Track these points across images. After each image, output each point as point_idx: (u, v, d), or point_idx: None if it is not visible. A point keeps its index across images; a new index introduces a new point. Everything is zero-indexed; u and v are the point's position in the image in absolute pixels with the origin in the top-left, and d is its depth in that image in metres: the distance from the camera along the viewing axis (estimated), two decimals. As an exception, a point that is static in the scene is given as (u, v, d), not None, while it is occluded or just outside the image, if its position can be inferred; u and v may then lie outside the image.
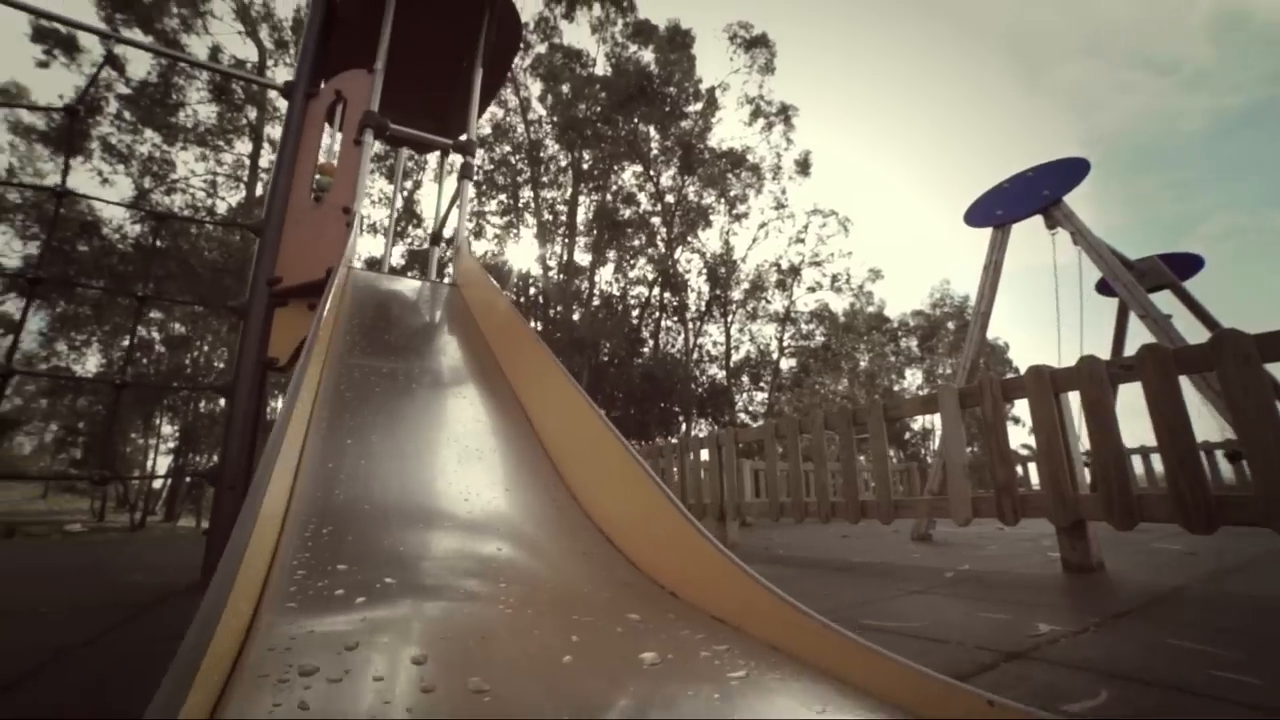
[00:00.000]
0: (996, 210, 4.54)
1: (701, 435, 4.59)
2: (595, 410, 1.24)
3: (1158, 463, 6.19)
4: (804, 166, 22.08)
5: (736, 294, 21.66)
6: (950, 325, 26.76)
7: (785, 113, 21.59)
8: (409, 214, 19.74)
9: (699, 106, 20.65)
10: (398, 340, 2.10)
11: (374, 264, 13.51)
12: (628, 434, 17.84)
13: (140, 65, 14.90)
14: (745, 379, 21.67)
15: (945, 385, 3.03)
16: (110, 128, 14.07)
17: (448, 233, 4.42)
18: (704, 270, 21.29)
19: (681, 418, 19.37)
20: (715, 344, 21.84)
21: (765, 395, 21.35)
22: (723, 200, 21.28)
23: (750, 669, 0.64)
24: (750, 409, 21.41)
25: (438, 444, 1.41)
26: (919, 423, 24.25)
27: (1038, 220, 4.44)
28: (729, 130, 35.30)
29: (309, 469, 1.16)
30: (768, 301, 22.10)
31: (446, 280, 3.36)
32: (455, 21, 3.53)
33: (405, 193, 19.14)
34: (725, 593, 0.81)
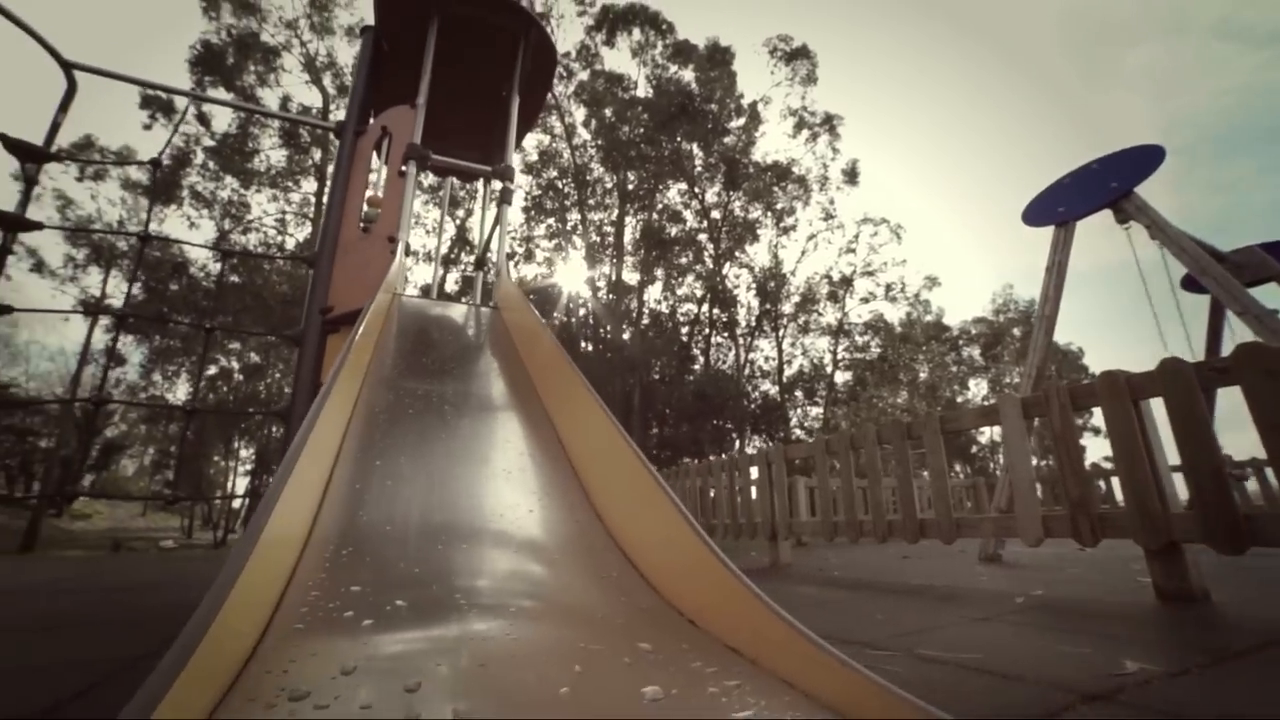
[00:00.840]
0: (1058, 207, 4.25)
1: (753, 452, 4.48)
2: (620, 431, 1.21)
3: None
4: (851, 176, 21.62)
5: (787, 308, 21.28)
6: (1016, 332, 25.30)
7: (830, 122, 21.28)
8: (462, 241, 20.49)
9: (741, 122, 20.64)
10: (435, 363, 2.13)
11: (426, 290, 14.08)
12: (680, 451, 17.72)
13: (223, 119, 16.30)
14: (799, 394, 21.15)
15: (1006, 394, 2.82)
16: (197, 176, 15.44)
17: (493, 257, 4.52)
18: (753, 285, 21.06)
19: (734, 434, 19.06)
20: (767, 359, 21.47)
21: (820, 410, 20.74)
22: (769, 214, 21.08)
23: (759, 708, 0.58)
24: (805, 424, 20.85)
25: (466, 466, 1.40)
26: (986, 435, 22.94)
27: (1106, 216, 4.13)
28: (773, 143, 35.12)
29: (336, 490, 1.17)
30: (819, 314, 21.61)
31: (491, 304, 3.42)
32: (492, 54, 3.65)
33: (457, 220, 19.88)
34: (742, 622, 0.75)
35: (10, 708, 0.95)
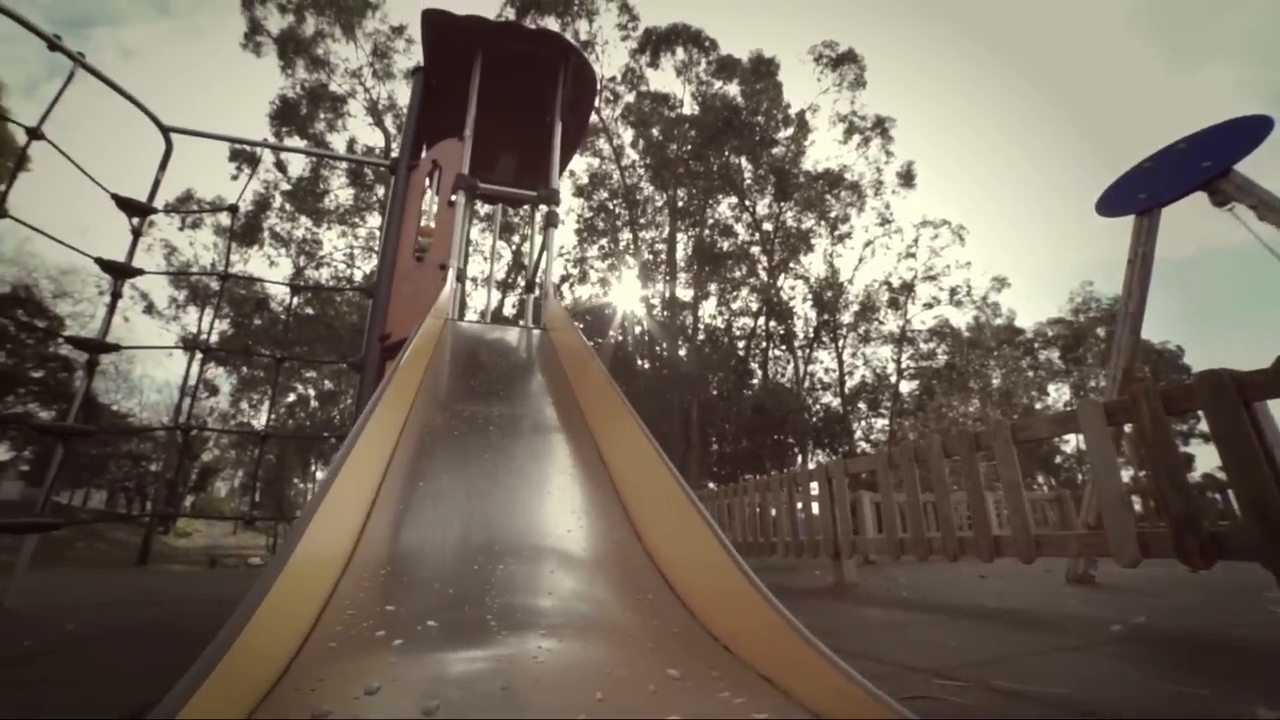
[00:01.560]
0: (1138, 194, 3.90)
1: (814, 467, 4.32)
2: (657, 450, 1.17)
3: None
4: (907, 178, 20.91)
5: (846, 317, 20.67)
6: (1100, 332, 23.42)
7: (881, 125, 20.71)
8: (518, 265, 21.10)
9: (789, 132, 20.41)
10: (483, 385, 2.16)
11: (483, 314, 14.53)
12: (741, 467, 17.39)
13: (297, 165, 17.65)
14: (862, 405, 20.39)
15: (1087, 399, 2.59)
16: (275, 219, 16.78)
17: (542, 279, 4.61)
18: (809, 295, 20.60)
19: (796, 449, 18.55)
20: (827, 370, 20.87)
21: (885, 421, 19.89)
22: (823, 223, 20.65)
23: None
24: (871, 437, 20.03)
25: (507, 486, 1.40)
26: (1070, 444, 21.29)
27: (1203, 200, 3.76)
28: (823, 151, 34.45)
29: (380, 510, 1.19)
30: (880, 322, 20.85)
31: (541, 326, 3.47)
32: (534, 82, 3.75)
33: (513, 246, 20.51)
34: (775, 649, 0.69)
35: (98, 709, 1.01)
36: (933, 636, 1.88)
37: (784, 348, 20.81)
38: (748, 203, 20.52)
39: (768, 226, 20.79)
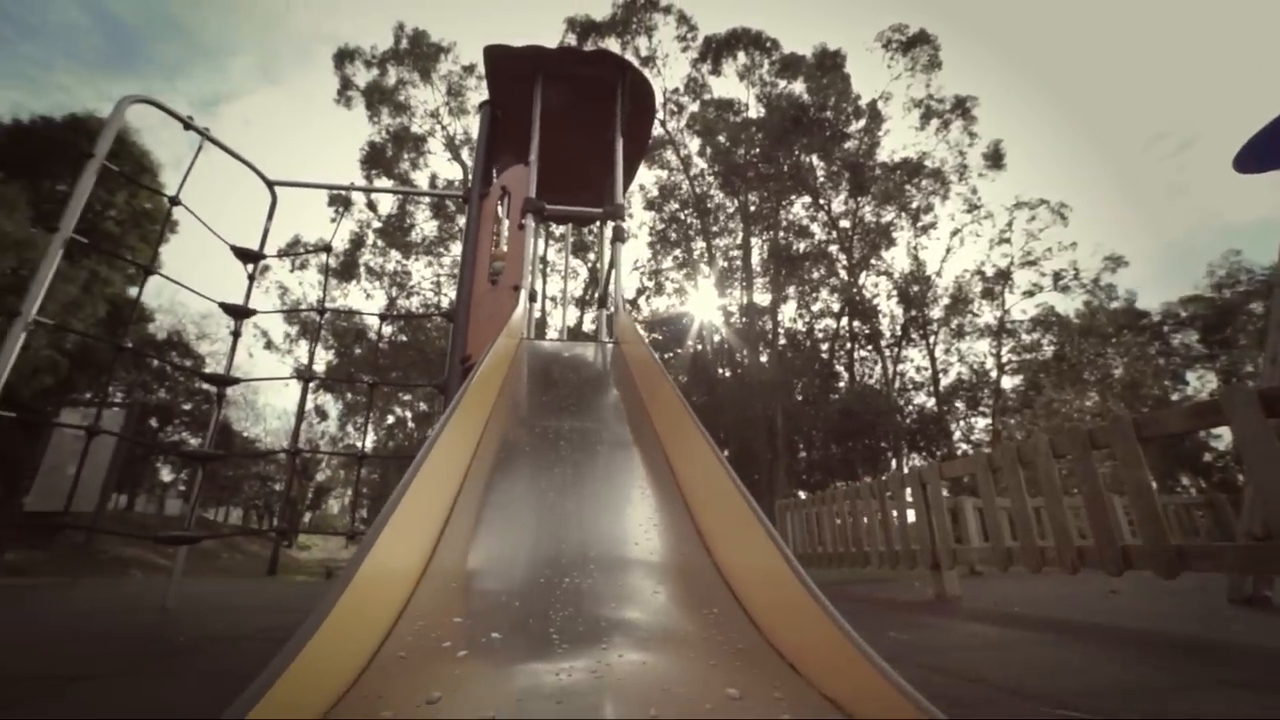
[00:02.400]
0: (1288, 146, 3.38)
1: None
2: (720, 458, 1.13)
3: None
4: (995, 159, 19.43)
5: (936, 312, 19.43)
6: (1256, 308, 20.20)
7: (962, 106, 19.43)
8: (595, 282, 21.55)
9: (861, 124, 19.62)
10: (555, 401, 2.20)
11: (566, 331, 14.91)
12: (831, 474, 16.72)
13: (386, 204, 19.15)
14: (960, 404, 19.02)
15: (1234, 386, 2.24)
16: (369, 255, 18.27)
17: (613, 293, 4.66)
18: (894, 292, 19.58)
19: (889, 453, 17.58)
20: (919, 369, 19.68)
21: (988, 420, 18.41)
22: (904, 215, 19.61)
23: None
24: (972, 438, 18.60)
25: (577, 499, 1.40)
26: (1224, 438, 18.68)
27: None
28: (899, 139, 32.73)
29: (454, 525, 1.23)
30: (974, 315, 19.40)
31: (613, 340, 3.50)
32: (594, 101, 3.82)
33: (589, 263, 20.98)
34: (842, 671, 0.64)
35: (205, 709, 1.10)
36: (1050, 658, 1.68)
37: (870, 348, 19.86)
38: (822, 201, 19.89)
39: (845, 224, 20.03)
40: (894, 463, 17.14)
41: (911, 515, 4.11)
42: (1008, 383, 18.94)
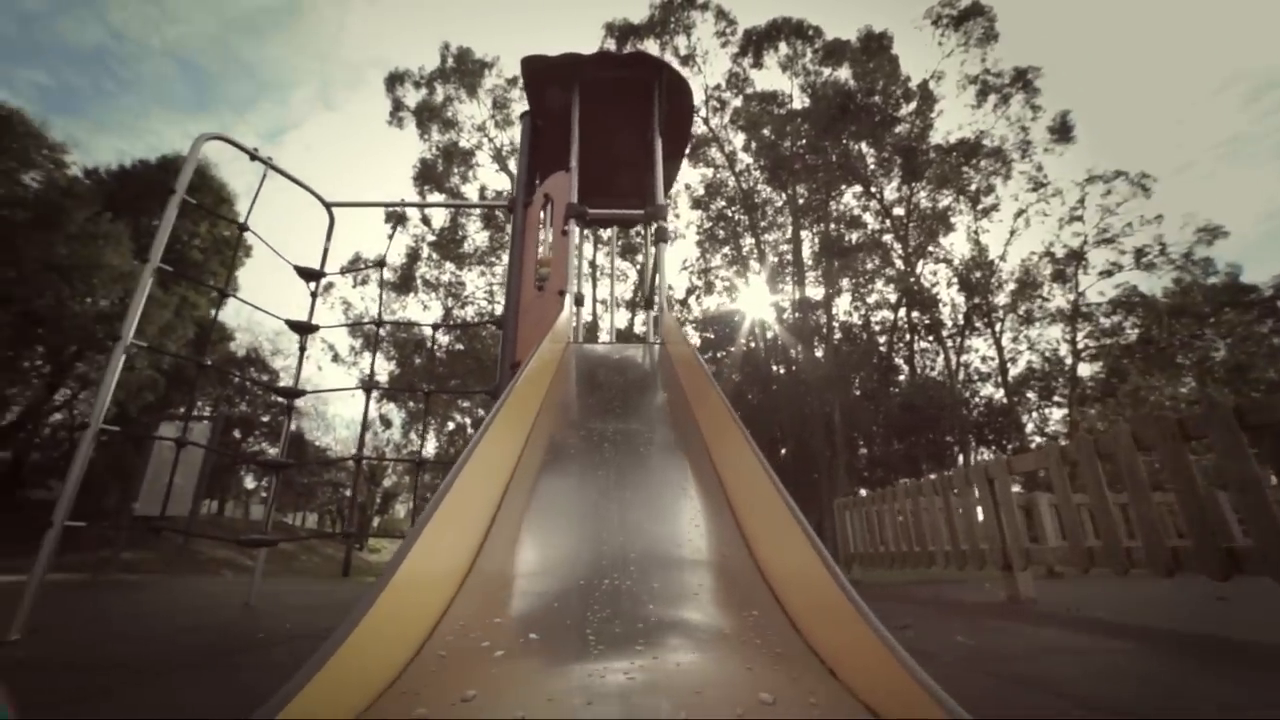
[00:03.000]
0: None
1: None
2: (759, 458, 1.11)
3: None
4: (1063, 132, 18.14)
5: (1001, 298, 18.38)
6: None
7: (1023, 78, 18.29)
8: (645, 283, 21.54)
9: (912, 106, 18.82)
10: (600, 403, 2.23)
11: (617, 334, 15.02)
12: (893, 471, 16.13)
13: (439, 218, 19.88)
14: (1031, 395, 17.92)
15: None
16: (425, 267, 19.03)
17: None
18: (954, 280, 18.68)
19: (956, 447, 16.78)
20: (984, 359, 18.68)
21: (1065, 411, 17.26)
22: (962, 198, 18.67)
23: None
24: (1047, 430, 17.48)
25: (619, 501, 1.42)
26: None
27: None
28: (954, 119, 31.13)
29: (499, 527, 1.26)
30: (1044, 300, 18.21)
31: (658, 340, 3.50)
32: (632, 103, 3.84)
33: (638, 265, 21.05)
34: (877, 675, 0.61)
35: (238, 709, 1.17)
36: (1134, 669, 1.56)
37: (931, 339, 19.03)
38: (873, 189, 19.23)
39: (899, 211, 19.29)
40: (960, 458, 16.35)
41: (981, 513, 3.91)
42: (1085, 370, 17.70)
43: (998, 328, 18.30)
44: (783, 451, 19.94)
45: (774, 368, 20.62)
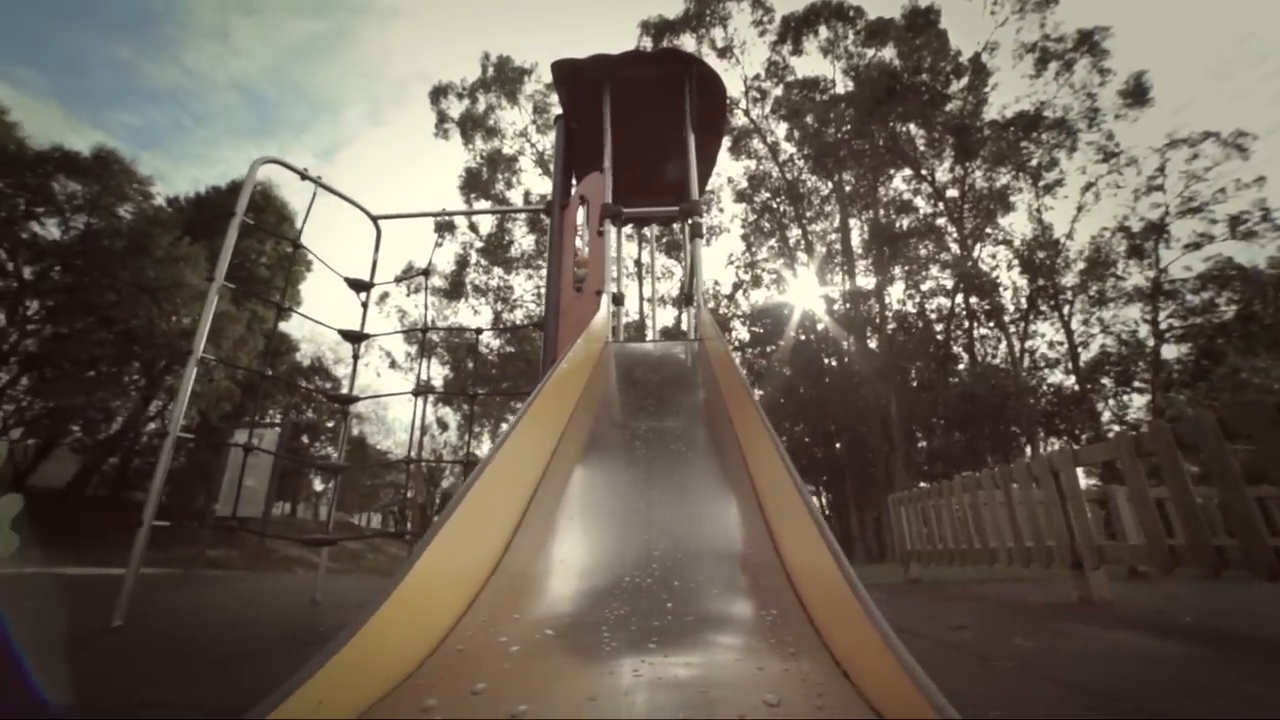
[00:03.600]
0: None
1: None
2: (780, 452, 1.09)
3: None
4: (1137, 95, 16.78)
5: (1069, 279, 17.24)
6: None
7: (1088, 40, 17.04)
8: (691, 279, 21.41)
9: (964, 82, 17.90)
10: (634, 401, 2.24)
11: (665, 333, 15.00)
12: (955, 464, 15.46)
13: (486, 224, 20.41)
14: (1107, 381, 16.75)
15: None
16: (474, 273, 19.62)
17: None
18: (1015, 262, 17.69)
19: (1023, 438, 15.90)
20: (1051, 344, 17.60)
21: (1148, 398, 16.04)
22: (1022, 175, 17.62)
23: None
24: (1127, 417, 16.28)
25: (647, 499, 1.42)
26: None
27: None
28: (1011, 92, 29.18)
29: (528, 524, 1.29)
30: (1119, 277, 16.92)
31: (697, 337, 3.48)
32: (664, 100, 3.83)
33: (683, 262, 20.94)
34: (884, 681, 0.59)
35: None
36: (1212, 680, 1.44)
37: (991, 325, 18.09)
38: (924, 172, 18.44)
39: (953, 193, 18.42)
40: (1028, 449, 15.49)
41: (1044, 508, 3.69)
42: (1170, 352, 16.35)
43: (1066, 311, 17.19)
44: (837, 445, 19.45)
45: (826, 360, 20.13)
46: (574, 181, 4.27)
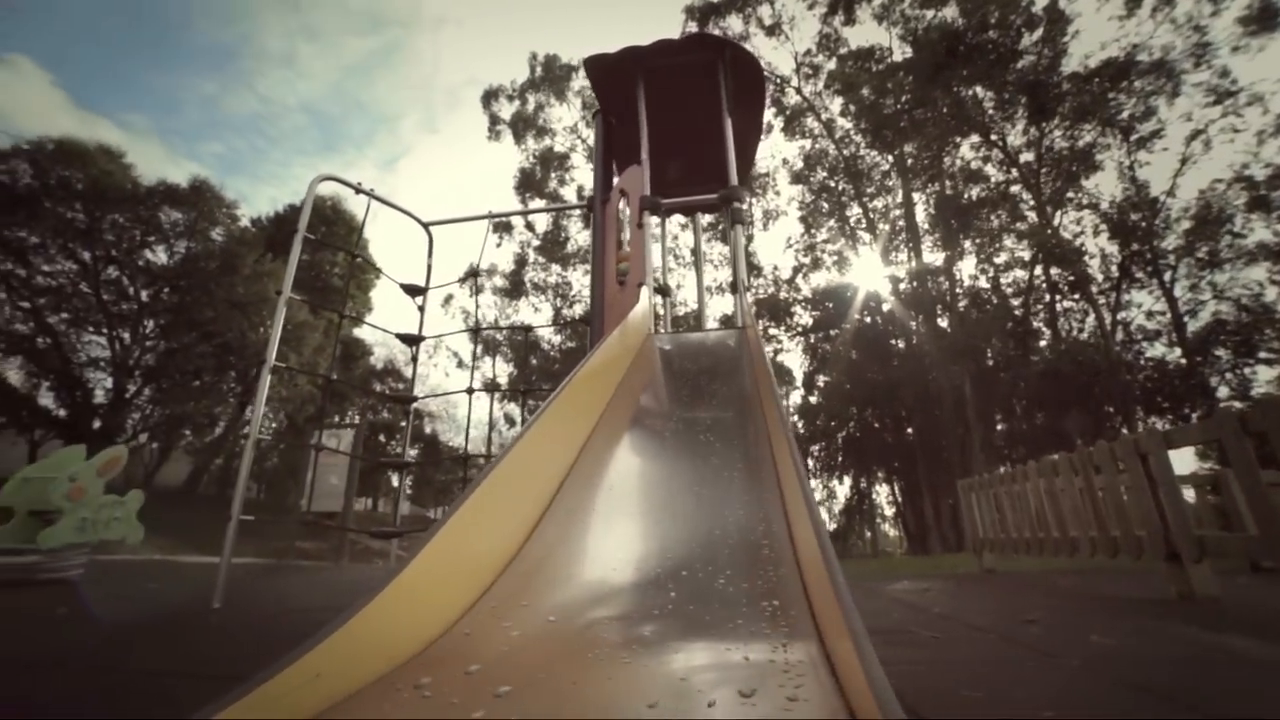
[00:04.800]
0: None
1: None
2: (790, 439, 1.06)
3: None
4: (1263, 19, 14.51)
5: (1170, 241, 15.58)
6: None
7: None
8: (751, 268, 21.10)
9: (1037, 34, 16.44)
10: (670, 392, 2.23)
11: (725, 321, 14.84)
12: (1038, 448, 14.45)
13: (541, 223, 20.84)
14: (1222, 352, 15.06)
15: None
16: (533, 271, 20.10)
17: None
18: (1102, 227, 16.20)
19: (1119, 418, 14.62)
20: (1150, 314, 16.00)
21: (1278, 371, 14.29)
22: (1111, 130, 16.05)
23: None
24: (1252, 393, 14.55)
25: (669, 489, 1.42)
26: None
27: None
28: (1096, 37, 26.44)
29: (552, 515, 1.32)
30: (1237, 235, 15.06)
31: (741, 324, 3.42)
32: (699, 86, 3.76)
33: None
34: (857, 681, 0.56)
35: None
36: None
37: (1076, 297, 16.70)
38: (994, 137, 17.20)
39: (1027, 157, 17.08)
40: (1124, 430, 14.24)
41: (1129, 494, 3.39)
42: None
43: (1170, 275, 15.56)
44: (908, 430, 18.61)
45: (893, 342, 19.26)
46: (616, 175, 4.28)
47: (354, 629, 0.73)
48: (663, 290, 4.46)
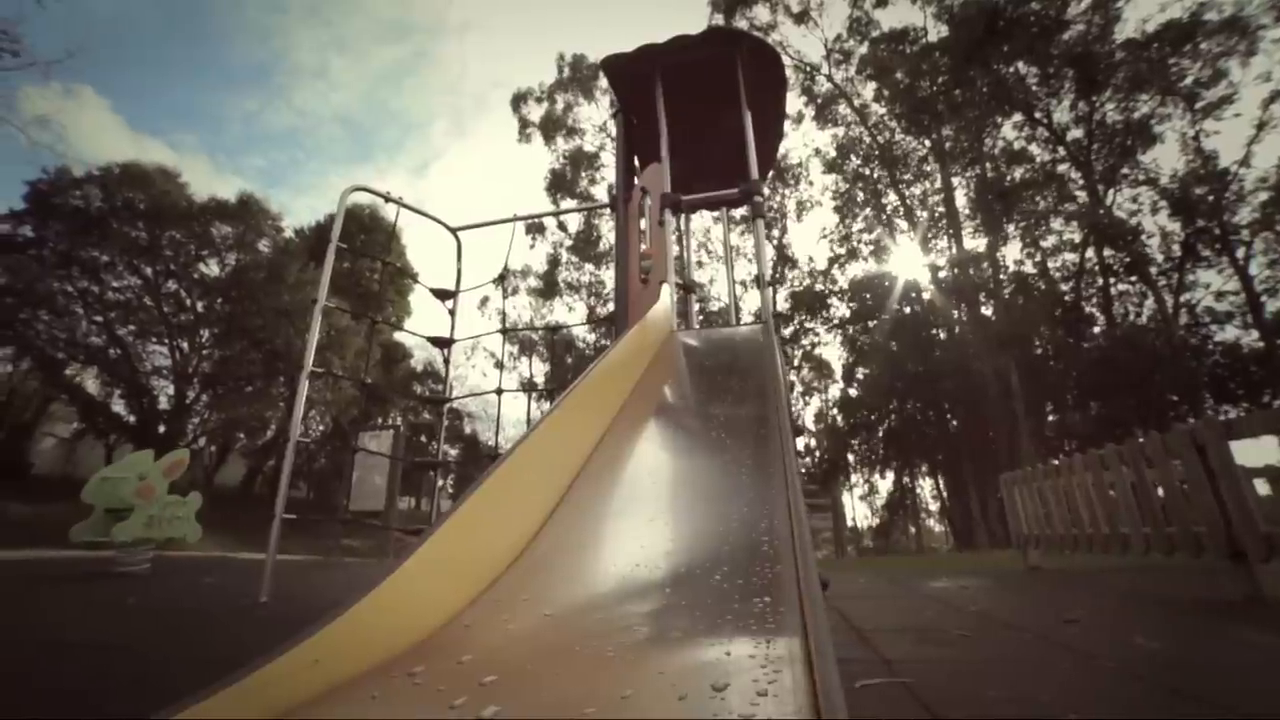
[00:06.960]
0: None
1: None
2: (786, 434, 1.04)
3: None
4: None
5: (1243, 215, 14.43)
6: None
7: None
8: (785, 259, 20.79)
9: (1086, 1, 15.54)
10: (690, 388, 2.22)
11: (758, 317, 14.66)
12: (1090, 441, 13.73)
13: (573, 223, 21.02)
14: (1305, 333, 13.99)
15: None
16: (566, 271, 20.31)
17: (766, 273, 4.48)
18: (1162, 202, 15.24)
19: (1185, 407, 13.77)
20: (1220, 295, 14.91)
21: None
22: (1171, 99, 15.05)
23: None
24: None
25: (677, 486, 1.42)
26: None
27: None
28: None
29: (560, 513, 1.33)
30: (1323, 204, 13.80)
31: (763, 320, 3.37)
32: (717, 81, 3.72)
33: (774, 241, 20.30)
34: (819, 678, 0.55)
35: None
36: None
37: (1133, 279, 15.79)
38: (1038, 114, 16.41)
39: (1076, 134, 16.22)
40: (1191, 419, 13.41)
41: (1185, 488, 3.20)
42: None
43: (1243, 252, 14.47)
44: (952, 423, 18.02)
45: (935, 332, 18.67)
46: (637, 173, 4.28)
47: (354, 619, 0.77)
48: (687, 287, 4.44)
